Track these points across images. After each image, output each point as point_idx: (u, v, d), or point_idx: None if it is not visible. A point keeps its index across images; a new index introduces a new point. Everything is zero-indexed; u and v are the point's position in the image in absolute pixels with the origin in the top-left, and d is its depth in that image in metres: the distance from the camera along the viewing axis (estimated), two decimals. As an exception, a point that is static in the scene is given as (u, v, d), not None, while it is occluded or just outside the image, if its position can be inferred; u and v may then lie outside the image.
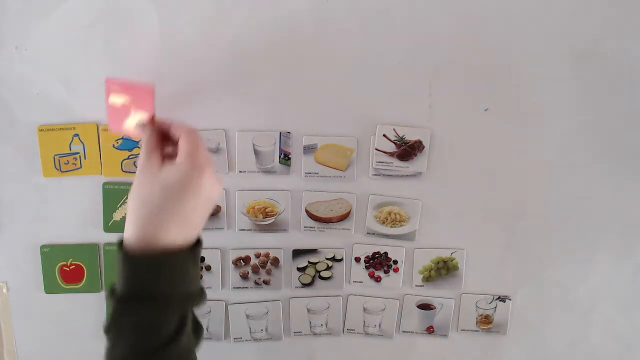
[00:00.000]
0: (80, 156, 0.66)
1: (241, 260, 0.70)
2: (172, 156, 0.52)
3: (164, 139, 0.54)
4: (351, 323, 0.73)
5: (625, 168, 0.67)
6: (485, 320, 0.73)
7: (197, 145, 0.50)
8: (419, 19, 0.63)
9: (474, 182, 0.68)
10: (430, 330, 0.73)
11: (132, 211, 0.48)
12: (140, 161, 0.51)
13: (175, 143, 0.53)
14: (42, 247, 0.68)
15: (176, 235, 0.48)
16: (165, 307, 0.47)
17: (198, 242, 0.51)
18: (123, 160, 0.66)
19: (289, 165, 0.67)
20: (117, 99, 0.57)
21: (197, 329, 0.53)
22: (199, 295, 0.51)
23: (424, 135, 0.66)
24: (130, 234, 0.48)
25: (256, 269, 0.70)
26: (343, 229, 0.69)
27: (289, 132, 0.66)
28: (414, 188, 0.68)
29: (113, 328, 0.48)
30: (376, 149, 0.66)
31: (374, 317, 0.72)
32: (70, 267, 0.69)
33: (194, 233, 0.50)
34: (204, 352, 0.72)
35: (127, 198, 0.67)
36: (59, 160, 0.66)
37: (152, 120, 0.56)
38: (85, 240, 0.68)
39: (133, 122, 0.57)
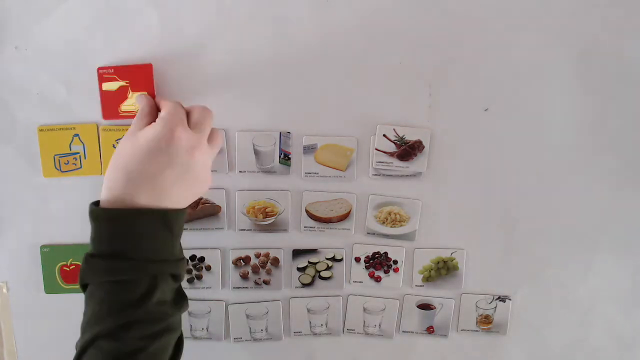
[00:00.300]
0: (80, 156, 0.66)
1: (241, 260, 0.70)
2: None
3: (156, 114, 0.55)
4: (351, 323, 0.73)
5: (625, 168, 0.67)
6: (485, 320, 0.73)
7: (173, 113, 0.51)
8: (419, 19, 0.63)
9: (474, 182, 0.68)
10: (430, 330, 0.73)
11: (107, 174, 0.50)
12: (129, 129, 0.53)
13: None
14: (42, 247, 0.68)
15: (147, 199, 0.48)
16: (129, 268, 0.48)
17: (174, 211, 0.50)
18: (123, 160, 0.66)
19: (289, 165, 0.67)
20: (112, 85, 0.59)
21: (178, 299, 0.52)
22: (175, 264, 0.51)
23: (424, 135, 0.66)
24: (102, 195, 0.49)
25: (256, 269, 0.70)
26: (343, 229, 0.69)
27: (289, 132, 0.66)
28: (414, 188, 0.68)
29: (83, 288, 0.50)
30: (376, 149, 0.66)
31: (374, 317, 0.72)
32: (70, 267, 0.69)
33: (167, 201, 0.49)
34: (204, 352, 0.73)
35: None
36: (59, 160, 0.66)
37: (148, 95, 0.58)
38: (85, 240, 0.68)
39: (131, 104, 0.59)
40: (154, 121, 0.52)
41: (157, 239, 0.49)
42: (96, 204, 0.50)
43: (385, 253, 0.70)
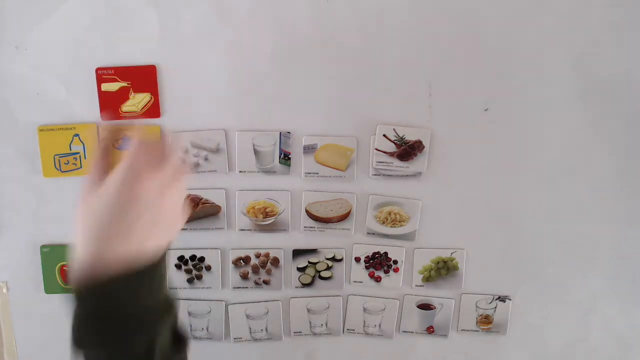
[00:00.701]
0: (80, 156, 0.66)
1: (241, 260, 0.70)
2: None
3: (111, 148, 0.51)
4: (351, 323, 0.73)
5: (625, 168, 0.67)
6: (485, 320, 0.73)
7: (133, 164, 0.47)
8: (419, 18, 0.63)
9: (474, 182, 0.68)
10: (430, 330, 0.73)
11: (79, 236, 0.45)
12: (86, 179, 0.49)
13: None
14: (42, 247, 0.68)
15: (126, 250, 0.45)
16: (130, 330, 0.45)
17: (155, 261, 0.47)
18: (123, 160, 0.66)
19: (289, 165, 0.67)
20: (112, 85, 0.59)
21: (179, 338, 0.50)
22: (165, 308, 0.48)
23: (424, 135, 0.66)
24: (78, 259, 0.45)
25: (256, 269, 0.70)
26: (343, 229, 0.69)
27: (289, 132, 0.66)
28: (414, 188, 0.68)
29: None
30: (376, 149, 0.66)
31: (374, 317, 0.72)
32: (70, 267, 0.69)
33: (143, 248, 0.46)
34: (204, 352, 0.73)
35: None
36: (59, 160, 0.66)
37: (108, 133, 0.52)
38: (85, 240, 0.68)
39: (133, 105, 0.59)
40: (109, 160, 0.50)
41: (141, 293, 0.46)
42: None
43: (385, 253, 0.70)
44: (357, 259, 0.70)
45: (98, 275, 0.44)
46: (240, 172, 0.67)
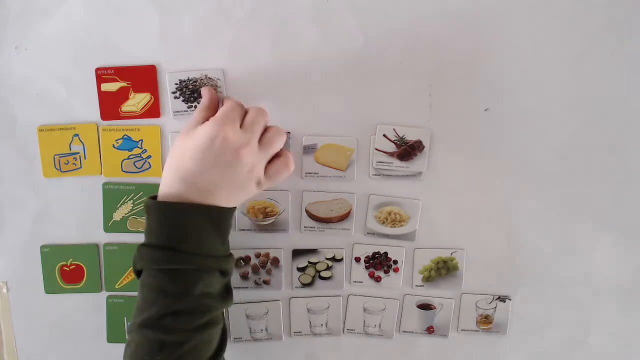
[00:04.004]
0: (80, 156, 0.66)
1: (241, 260, 0.70)
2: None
3: (216, 108, 0.58)
4: (351, 323, 0.73)
5: (625, 168, 0.67)
6: (485, 320, 0.73)
7: (226, 113, 0.53)
8: (419, 19, 0.63)
9: (474, 182, 0.68)
10: (430, 330, 0.73)
11: (164, 169, 0.54)
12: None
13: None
14: (42, 247, 0.68)
15: (196, 197, 0.51)
16: (174, 259, 0.50)
17: (217, 209, 0.53)
18: (123, 160, 0.66)
19: (289, 165, 0.67)
20: (112, 85, 0.59)
21: (225, 293, 0.55)
22: (219, 260, 0.53)
23: (424, 135, 0.66)
24: (159, 190, 0.53)
25: (256, 269, 0.70)
26: (343, 229, 0.69)
27: (289, 132, 0.66)
28: (414, 188, 0.68)
29: (137, 274, 0.54)
30: (376, 149, 0.66)
31: (374, 317, 0.72)
32: (70, 267, 0.69)
33: (214, 199, 0.52)
34: (204, 352, 0.72)
35: (127, 198, 0.67)
36: (59, 160, 0.66)
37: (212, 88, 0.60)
38: (85, 240, 0.68)
39: (133, 104, 0.60)
40: (212, 115, 0.55)
41: (201, 234, 0.52)
42: (153, 197, 0.54)
43: (385, 253, 0.70)
44: (357, 259, 0.70)
45: (176, 199, 0.51)
46: (240, 172, 0.67)
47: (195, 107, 0.64)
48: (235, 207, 0.56)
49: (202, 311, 0.52)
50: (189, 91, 0.64)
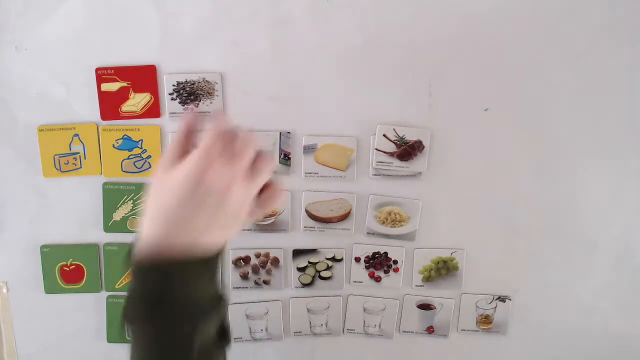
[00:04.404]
0: (80, 156, 0.66)
1: (241, 260, 0.70)
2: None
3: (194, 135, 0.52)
4: (351, 323, 0.73)
5: (625, 168, 0.67)
6: (485, 320, 0.73)
7: (209, 148, 0.47)
8: (419, 18, 0.63)
9: (474, 182, 0.68)
10: (430, 330, 0.73)
11: (147, 212, 0.48)
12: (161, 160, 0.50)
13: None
14: (42, 247, 0.68)
15: (184, 240, 0.47)
16: (168, 315, 0.46)
17: (213, 255, 0.49)
18: (123, 160, 0.66)
19: (289, 165, 0.67)
20: (112, 85, 0.59)
21: (222, 337, 0.51)
22: (213, 304, 0.50)
23: (424, 135, 0.66)
24: (142, 235, 0.47)
25: (256, 269, 0.70)
26: (343, 229, 0.69)
27: (289, 132, 0.66)
28: (414, 188, 0.68)
29: (131, 331, 0.48)
30: (376, 149, 0.66)
31: (374, 317, 0.72)
32: (70, 267, 0.69)
33: (203, 240, 0.48)
34: (204, 352, 0.72)
35: (127, 198, 0.67)
36: (59, 160, 0.66)
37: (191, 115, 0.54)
38: (85, 240, 0.68)
39: (133, 105, 0.59)
40: (190, 145, 0.51)
41: (195, 285, 0.48)
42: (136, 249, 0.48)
43: (385, 253, 0.70)
44: (357, 259, 0.70)
45: (159, 255, 0.46)
46: (240, 172, 0.67)
47: (192, 109, 0.64)
48: (223, 247, 0.51)
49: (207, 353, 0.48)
50: (186, 93, 0.64)
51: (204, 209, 0.47)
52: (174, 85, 0.64)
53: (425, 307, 0.72)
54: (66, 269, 0.69)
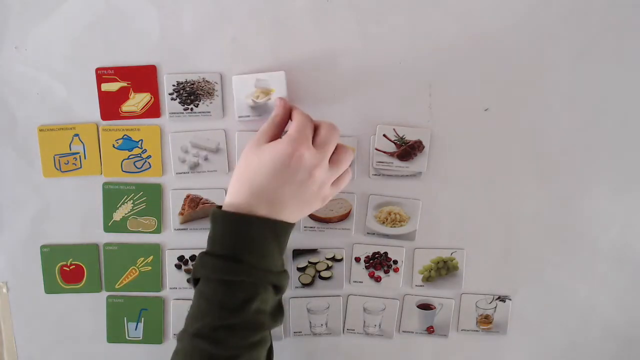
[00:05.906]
0: (80, 156, 0.66)
1: (241, 260, 0.70)
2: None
3: (286, 122, 0.58)
4: (351, 323, 0.73)
5: (625, 168, 0.67)
6: (485, 320, 0.73)
7: (300, 131, 0.53)
8: (419, 18, 0.63)
9: (474, 182, 0.68)
10: (430, 330, 0.73)
11: (232, 182, 0.54)
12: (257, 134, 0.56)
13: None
14: (42, 247, 0.68)
15: (264, 211, 0.52)
16: (235, 270, 0.50)
17: (285, 224, 0.53)
18: (123, 160, 0.66)
19: (289, 165, 0.67)
20: (112, 85, 0.59)
21: (276, 312, 0.55)
22: (277, 275, 0.53)
23: (424, 135, 0.66)
24: (225, 201, 0.54)
25: (256, 269, 0.70)
26: (343, 229, 0.69)
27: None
28: (414, 188, 0.68)
29: (194, 282, 0.53)
30: (376, 149, 0.66)
31: (374, 317, 0.72)
32: (70, 267, 0.69)
33: (282, 214, 0.53)
34: (204, 352, 0.72)
35: (127, 198, 0.67)
36: (59, 160, 0.66)
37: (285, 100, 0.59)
38: (85, 240, 0.68)
39: (133, 104, 0.60)
40: (282, 130, 0.56)
41: (265, 248, 0.52)
42: (219, 207, 0.54)
43: (385, 253, 0.70)
44: (357, 259, 0.70)
45: (241, 211, 0.52)
46: (240, 172, 0.67)
47: (192, 109, 0.64)
48: (295, 224, 0.56)
49: (255, 328, 0.51)
50: (186, 93, 0.64)
51: (288, 186, 0.52)
52: (174, 85, 0.64)
53: (425, 307, 0.72)
54: (66, 269, 0.69)
